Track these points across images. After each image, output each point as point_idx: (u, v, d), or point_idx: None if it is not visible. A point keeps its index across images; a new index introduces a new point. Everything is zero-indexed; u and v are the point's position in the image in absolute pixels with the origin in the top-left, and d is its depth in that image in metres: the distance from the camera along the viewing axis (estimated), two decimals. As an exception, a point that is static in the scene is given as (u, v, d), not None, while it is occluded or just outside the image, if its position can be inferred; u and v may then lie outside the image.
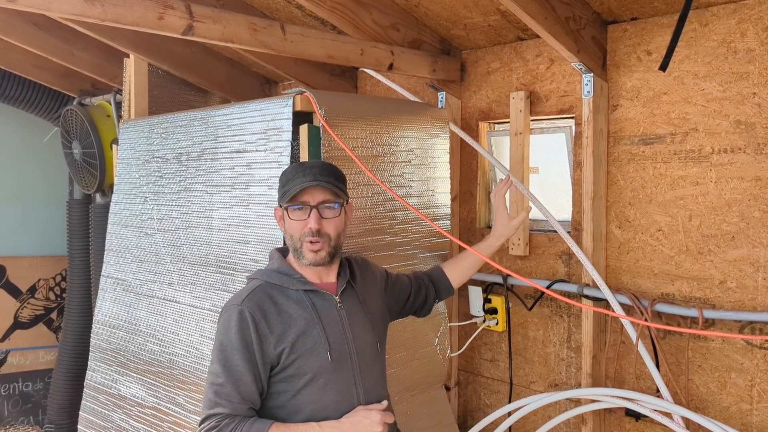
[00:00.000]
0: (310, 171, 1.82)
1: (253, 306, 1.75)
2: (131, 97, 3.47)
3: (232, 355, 1.71)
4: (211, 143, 2.71)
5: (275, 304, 1.78)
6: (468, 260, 2.38)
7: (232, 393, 1.69)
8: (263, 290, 1.80)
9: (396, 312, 2.18)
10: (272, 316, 1.75)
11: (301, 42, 2.44)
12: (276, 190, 2.44)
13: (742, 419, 2.25)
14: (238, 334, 1.72)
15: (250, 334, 1.72)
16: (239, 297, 1.79)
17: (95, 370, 3.23)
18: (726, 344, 2.28)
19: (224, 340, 1.74)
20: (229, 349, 1.72)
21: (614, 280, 2.55)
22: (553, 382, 2.79)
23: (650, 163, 2.44)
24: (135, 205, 3.12)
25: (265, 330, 1.73)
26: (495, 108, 2.94)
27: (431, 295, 2.27)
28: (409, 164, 2.69)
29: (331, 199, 1.82)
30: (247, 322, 1.73)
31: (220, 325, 1.78)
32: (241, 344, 1.71)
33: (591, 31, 2.46)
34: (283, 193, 1.84)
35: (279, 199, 1.87)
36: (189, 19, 2.09)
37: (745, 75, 2.20)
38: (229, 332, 1.74)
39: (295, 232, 1.82)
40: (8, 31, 3.56)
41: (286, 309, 1.78)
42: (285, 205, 1.83)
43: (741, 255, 2.22)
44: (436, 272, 2.33)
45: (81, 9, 1.86)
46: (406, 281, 2.22)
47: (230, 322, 1.74)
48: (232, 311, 1.76)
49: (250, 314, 1.73)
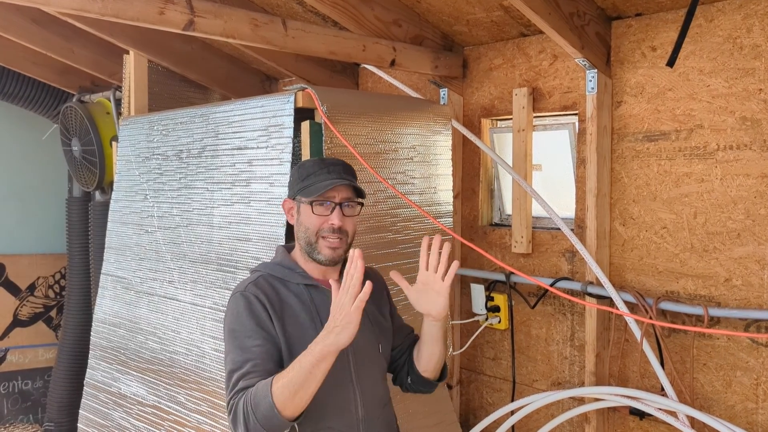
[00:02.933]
0: (334, 168, 1.82)
1: (256, 290, 1.76)
2: (131, 93, 3.45)
3: (249, 337, 1.69)
4: (211, 140, 2.69)
5: (276, 293, 1.78)
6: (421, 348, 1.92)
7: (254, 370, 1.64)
8: (265, 279, 1.80)
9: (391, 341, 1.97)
10: (275, 303, 1.76)
11: (303, 38, 2.42)
12: (276, 186, 2.44)
13: (748, 418, 2.24)
14: (250, 316, 1.71)
15: (261, 313, 1.72)
16: (242, 285, 1.80)
17: (95, 369, 3.21)
18: (731, 342, 2.26)
19: (236, 327, 1.72)
20: (243, 333, 1.70)
21: (618, 278, 2.54)
22: (556, 380, 2.77)
23: (655, 160, 2.42)
24: (135, 203, 3.10)
25: (270, 311, 1.74)
26: (497, 104, 2.92)
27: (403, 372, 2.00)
28: (412, 161, 2.67)
29: (353, 197, 1.82)
30: (255, 303, 1.73)
31: (228, 316, 1.77)
32: (255, 324, 1.70)
33: (595, 27, 2.44)
34: (303, 187, 1.81)
35: (298, 192, 1.83)
36: (190, 14, 2.07)
37: (751, 71, 2.18)
38: (239, 317, 1.72)
39: (312, 225, 1.80)
40: (7, 28, 3.53)
41: (287, 300, 1.78)
42: (310, 199, 1.81)
43: (747, 252, 2.21)
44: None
45: (81, 4, 1.84)
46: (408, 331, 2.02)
47: (238, 308, 1.74)
48: (237, 299, 1.76)
49: (255, 296, 1.74)
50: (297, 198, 1.83)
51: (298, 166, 1.87)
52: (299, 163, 1.91)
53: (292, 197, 1.85)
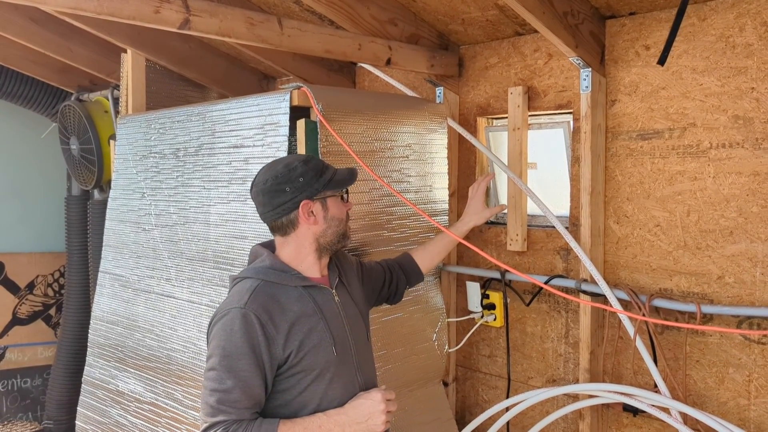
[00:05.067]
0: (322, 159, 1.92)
1: (257, 308, 1.68)
2: (129, 92, 3.46)
3: (239, 360, 1.65)
4: (208, 138, 2.71)
5: (278, 303, 1.72)
6: (436, 246, 2.44)
7: (239, 398, 1.63)
8: (263, 290, 1.73)
9: (372, 301, 2.18)
10: (277, 315, 1.70)
11: (299, 37, 2.43)
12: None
13: (740, 414, 2.25)
14: (244, 338, 1.65)
15: (257, 336, 1.66)
16: (240, 300, 1.71)
17: (93, 366, 3.23)
18: (724, 339, 2.27)
19: (227, 346, 1.66)
20: (234, 354, 1.65)
21: (612, 275, 2.55)
22: (551, 377, 2.79)
23: (648, 158, 2.43)
24: (132, 201, 3.11)
25: (272, 331, 1.68)
26: (493, 103, 2.94)
27: (402, 282, 2.30)
28: (407, 159, 2.68)
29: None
30: (253, 324, 1.66)
31: (220, 330, 1.69)
32: (248, 348, 1.65)
33: (589, 26, 2.46)
34: (328, 181, 1.80)
35: (324, 187, 1.79)
36: (185, 12, 2.09)
37: (744, 69, 2.19)
38: (232, 337, 1.66)
39: (344, 215, 1.86)
40: (5, 27, 3.55)
41: (290, 307, 1.73)
42: (338, 191, 1.86)
43: (739, 250, 2.22)
44: (406, 259, 2.36)
45: (76, 2, 1.85)
46: (379, 270, 2.23)
47: (233, 326, 1.67)
48: (234, 315, 1.68)
49: (256, 316, 1.67)
50: (320, 194, 1.80)
51: (299, 166, 1.80)
52: (292, 165, 1.81)
53: (310, 197, 1.78)
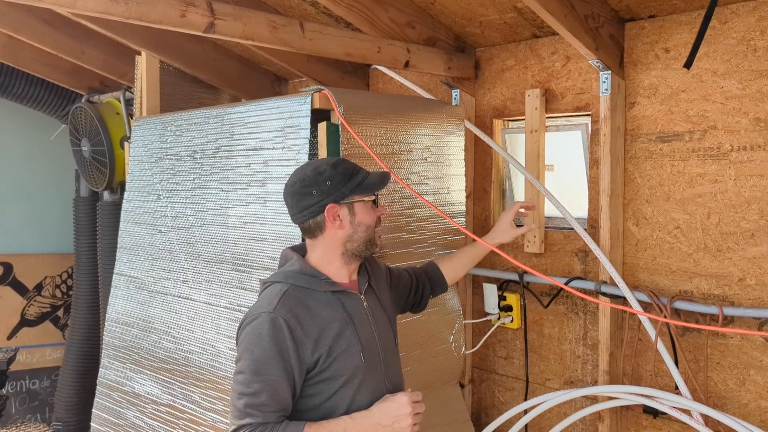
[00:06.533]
0: (354, 162, 1.87)
1: (286, 312, 1.68)
2: (143, 94, 3.46)
3: (267, 364, 1.65)
4: (226, 141, 2.71)
5: (307, 308, 1.72)
6: (463, 257, 2.43)
7: (266, 402, 1.64)
8: (292, 295, 1.73)
9: (399, 307, 2.19)
10: (306, 320, 1.70)
11: (320, 39, 2.43)
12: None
13: (761, 416, 2.26)
14: (272, 343, 1.66)
15: (285, 341, 1.66)
16: (270, 304, 1.71)
17: (108, 368, 3.23)
18: (745, 341, 2.28)
19: (256, 350, 1.67)
20: (262, 358, 1.65)
21: (631, 277, 2.56)
22: (569, 379, 2.79)
23: (668, 160, 2.44)
24: (148, 203, 3.11)
25: (301, 336, 1.68)
26: (510, 105, 2.94)
27: (427, 290, 2.30)
28: (425, 162, 2.69)
29: None
30: (281, 329, 1.66)
31: (249, 334, 1.70)
32: (276, 353, 1.65)
33: (609, 28, 2.47)
34: (357, 184, 1.78)
35: (353, 191, 1.77)
36: (210, 16, 2.09)
37: (765, 73, 2.20)
38: (261, 341, 1.67)
39: (372, 221, 1.83)
40: (18, 29, 3.55)
41: (319, 312, 1.73)
42: (368, 196, 1.83)
43: (760, 252, 2.23)
44: (432, 268, 2.35)
45: (105, 7, 1.85)
46: (407, 277, 2.23)
47: (262, 331, 1.67)
48: (263, 319, 1.68)
49: (285, 321, 1.67)
50: (347, 199, 1.78)
51: (327, 170, 1.78)
52: (320, 168, 1.79)
53: (337, 201, 1.77)
